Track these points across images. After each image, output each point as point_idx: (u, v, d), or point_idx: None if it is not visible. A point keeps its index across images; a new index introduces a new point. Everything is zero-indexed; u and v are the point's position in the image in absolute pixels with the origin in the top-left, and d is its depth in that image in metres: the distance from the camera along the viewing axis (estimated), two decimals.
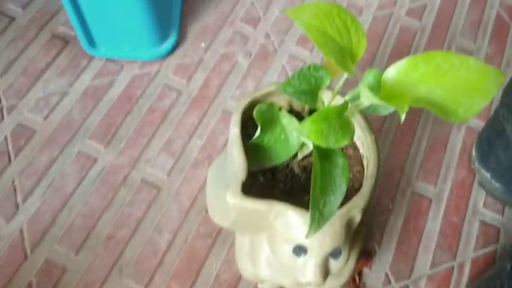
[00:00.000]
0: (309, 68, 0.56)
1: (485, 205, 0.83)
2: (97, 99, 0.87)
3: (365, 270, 0.75)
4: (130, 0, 0.81)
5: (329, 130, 0.49)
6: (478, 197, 0.83)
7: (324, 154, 0.52)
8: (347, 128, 0.51)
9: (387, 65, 0.96)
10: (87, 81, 0.89)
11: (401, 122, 0.53)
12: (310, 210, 0.47)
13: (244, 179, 0.53)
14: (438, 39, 1.01)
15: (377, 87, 0.55)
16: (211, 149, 0.83)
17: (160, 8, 0.88)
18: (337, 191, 0.51)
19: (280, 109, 0.60)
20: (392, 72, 0.52)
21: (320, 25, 0.52)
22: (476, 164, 0.83)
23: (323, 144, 0.49)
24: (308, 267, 0.53)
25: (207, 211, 0.77)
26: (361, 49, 0.55)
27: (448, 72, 0.52)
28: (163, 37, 0.91)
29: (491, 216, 0.82)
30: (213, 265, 0.73)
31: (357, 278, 0.73)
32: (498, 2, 1.08)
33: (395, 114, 0.89)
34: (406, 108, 0.47)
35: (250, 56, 0.94)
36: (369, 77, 0.55)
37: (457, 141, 0.89)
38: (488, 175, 0.81)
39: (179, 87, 0.90)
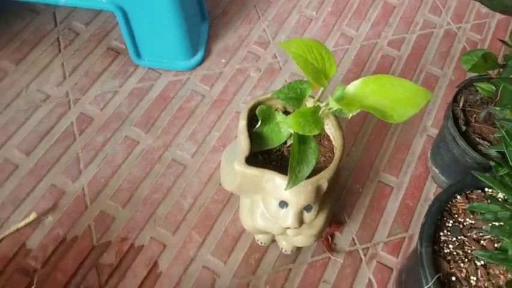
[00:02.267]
0: (296, 82, 0.82)
1: (434, 194, 1.07)
2: (140, 98, 1.14)
3: (337, 234, 1.00)
4: (171, 26, 1.08)
5: (305, 123, 0.74)
6: (430, 188, 1.08)
7: (302, 139, 0.77)
8: (318, 123, 0.76)
9: None
10: (133, 84, 1.15)
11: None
12: (288, 173, 0.72)
13: (247, 155, 0.78)
14: (412, 66, 1.26)
15: (343, 98, 0.79)
16: (225, 140, 1.09)
17: (192, 32, 1.15)
18: (309, 163, 0.76)
19: (276, 110, 0.85)
20: (351, 88, 0.77)
21: (302, 54, 0.77)
22: (430, 163, 1.08)
23: (300, 132, 0.74)
24: (289, 216, 0.78)
25: (220, 184, 1.02)
26: (332, 71, 0.80)
27: (389, 90, 0.76)
28: (193, 53, 1.18)
29: None
30: (223, 222, 0.99)
31: (330, 239, 0.98)
32: (465, 39, 1.32)
33: (370, 121, 1.14)
34: (354, 112, 0.72)
35: (260, 71, 1.20)
36: (339, 90, 0.80)
37: (418, 145, 1.13)
38: (437, 171, 1.05)
39: (204, 92, 1.16)
